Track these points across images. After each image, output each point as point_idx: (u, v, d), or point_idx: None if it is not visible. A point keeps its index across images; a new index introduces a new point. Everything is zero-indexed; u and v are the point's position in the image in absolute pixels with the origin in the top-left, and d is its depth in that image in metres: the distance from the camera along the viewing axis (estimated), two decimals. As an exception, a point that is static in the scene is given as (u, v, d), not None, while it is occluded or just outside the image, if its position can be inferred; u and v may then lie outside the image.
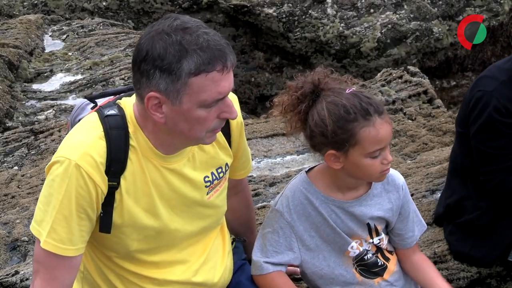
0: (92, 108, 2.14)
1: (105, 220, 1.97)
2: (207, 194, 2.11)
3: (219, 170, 2.15)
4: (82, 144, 1.91)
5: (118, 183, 1.95)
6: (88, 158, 1.89)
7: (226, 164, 2.17)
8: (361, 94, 2.09)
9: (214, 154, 2.12)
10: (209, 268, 2.18)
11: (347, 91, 2.09)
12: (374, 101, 2.09)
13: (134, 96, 2.04)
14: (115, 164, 1.93)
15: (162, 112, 1.88)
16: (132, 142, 1.96)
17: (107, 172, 1.92)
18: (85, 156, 1.89)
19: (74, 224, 1.91)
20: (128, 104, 2.01)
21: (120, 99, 2.06)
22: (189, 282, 2.14)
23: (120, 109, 1.99)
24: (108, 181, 1.93)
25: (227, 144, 2.17)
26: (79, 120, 2.13)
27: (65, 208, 1.89)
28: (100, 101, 2.14)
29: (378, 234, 2.27)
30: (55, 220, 1.90)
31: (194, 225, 2.12)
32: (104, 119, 1.95)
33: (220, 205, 2.19)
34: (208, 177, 2.11)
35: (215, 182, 2.13)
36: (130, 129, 1.96)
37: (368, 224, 2.24)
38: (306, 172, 2.27)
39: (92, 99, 2.16)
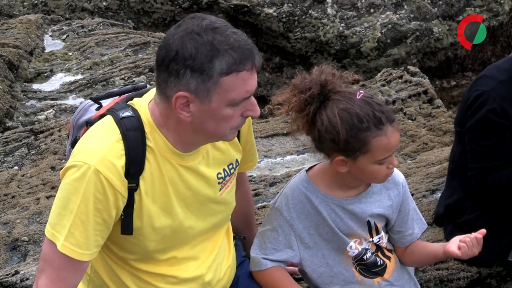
0: (96, 109, 2.14)
1: (126, 223, 1.98)
2: (220, 190, 2.13)
3: (230, 167, 2.17)
4: (101, 148, 1.91)
5: (137, 184, 1.95)
6: (107, 163, 1.89)
7: (236, 160, 2.19)
8: (372, 100, 2.09)
9: (226, 150, 2.14)
10: (217, 265, 2.21)
11: (358, 97, 2.08)
12: (385, 109, 2.09)
13: (146, 95, 2.05)
14: (134, 165, 1.93)
15: (189, 111, 1.90)
16: (149, 142, 1.96)
17: (127, 174, 1.92)
18: (104, 161, 1.89)
19: (91, 229, 1.91)
20: (142, 104, 2.01)
21: (130, 99, 2.06)
22: (201, 279, 2.15)
23: (134, 110, 1.99)
24: (128, 183, 1.93)
25: (237, 139, 2.18)
26: (82, 122, 2.13)
27: (82, 212, 1.89)
28: (105, 102, 2.14)
29: (378, 232, 2.27)
30: (72, 224, 1.89)
31: (207, 222, 2.14)
32: (119, 121, 1.95)
33: (230, 201, 2.22)
34: (221, 173, 2.13)
35: (227, 178, 2.15)
36: (147, 130, 1.97)
37: (368, 222, 2.25)
38: (306, 171, 2.27)
39: (97, 100, 2.16)
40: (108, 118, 1.99)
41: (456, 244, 2.16)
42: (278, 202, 2.26)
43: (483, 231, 2.17)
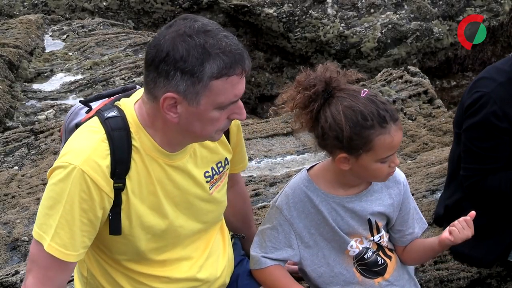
0: (86, 112, 2.14)
1: (114, 223, 1.98)
2: (210, 189, 2.13)
3: (219, 165, 2.16)
4: (85, 149, 1.91)
5: (124, 184, 1.95)
6: (91, 163, 1.89)
7: (226, 158, 2.19)
8: (376, 99, 2.08)
9: (214, 149, 2.14)
10: (211, 263, 2.21)
11: (362, 95, 2.07)
12: (389, 107, 2.09)
13: (133, 96, 2.05)
14: (120, 165, 1.93)
15: (176, 112, 1.90)
16: (134, 142, 1.96)
17: (113, 174, 1.92)
18: (88, 161, 1.89)
19: (77, 230, 1.91)
20: (128, 104, 2.01)
21: (118, 100, 2.06)
22: (195, 278, 2.16)
23: (120, 110, 1.99)
24: (114, 183, 1.93)
25: (226, 140, 2.18)
26: (73, 126, 2.13)
27: (67, 213, 1.90)
28: (95, 104, 2.14)
29: (378, 231, 2.27)
30: (58, 225, 1.90)
31: (197, 221, 2.14)
32: (105, 121, 1.95)
33: (221, 200, 2.22)
34: (208, 172, 2.12)
35: (215, 177, 2.15)
36: (132, 129, 1.96)
37: (369, 220, 2.25)
38: (307, 170, 2.27)
39: (86, 102, 2.16)
40: (94, 119, 1.99)
41: (447, 231, 2.18)
42: (278, 200, 2.26)
43: (473, 213, 2.18)
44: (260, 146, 3.91)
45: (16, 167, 3.85)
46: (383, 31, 6.25)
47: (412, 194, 3.21)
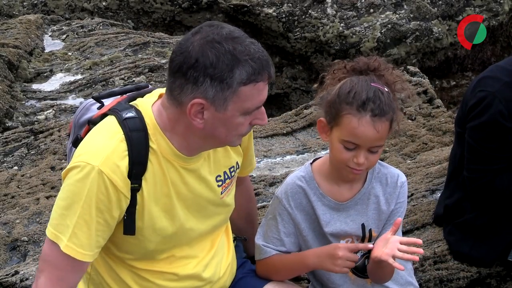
0: (98, 108, 2.13)
1: (129, 223, 1.99)
2: (221, 193, 2.14)
3: (231, 169, 2.18)
4: (104, 149, 1.92)
5: (140, 184, 1.96)
6: (110, 163, 1.90)
7: (237, 162, 2.21)
8: (380, 92, 2.09)
9: (227, 153, 2.15)
10: (216, 263, 2.22)
11: (372, 83, 2.10)
12: (381, 104, 2.08)
13: (148, 96, 2.05)
14: (137, 166, 1.94)
15: (202, 118, 1.91)
16: (151, 144, 1.97)
17: (130, 174, 1.93)
18: (107, 162, 1.90)
19: (93, 230, 1.92)
20: (145, 106, 2.01)
21: (132, 99, 2.06)
22: (200, 276, 2.17)
23: (138, 111, 2.00)
24: (131, 183, 1.94)
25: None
26: (84, 121, 2.13)
27: (86, 213, 1.90)
28: (107, 101, 2.14)
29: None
30: (76, 225, 1.90)
31: (206, 224, 2.16)
32: (123, 122, 1.96)
33: (230, 203, 2.24)
34: (220, 176, 2.14)
35: (227, 181, 2.16)
36: (150, 131, 1.97)
37: (363, 225, 2.26)
38: (311, 163, 2.29)
39: (99, 99, 2.16)
40: (111, 119, 1.99)
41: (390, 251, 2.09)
42: (279, 191, 2.30)
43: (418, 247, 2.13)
44: (259, 146, 3.91)
45: (15, 167, 3.85)
46: (382, 31, 6.24)
47: (412, 194, 3.22)
